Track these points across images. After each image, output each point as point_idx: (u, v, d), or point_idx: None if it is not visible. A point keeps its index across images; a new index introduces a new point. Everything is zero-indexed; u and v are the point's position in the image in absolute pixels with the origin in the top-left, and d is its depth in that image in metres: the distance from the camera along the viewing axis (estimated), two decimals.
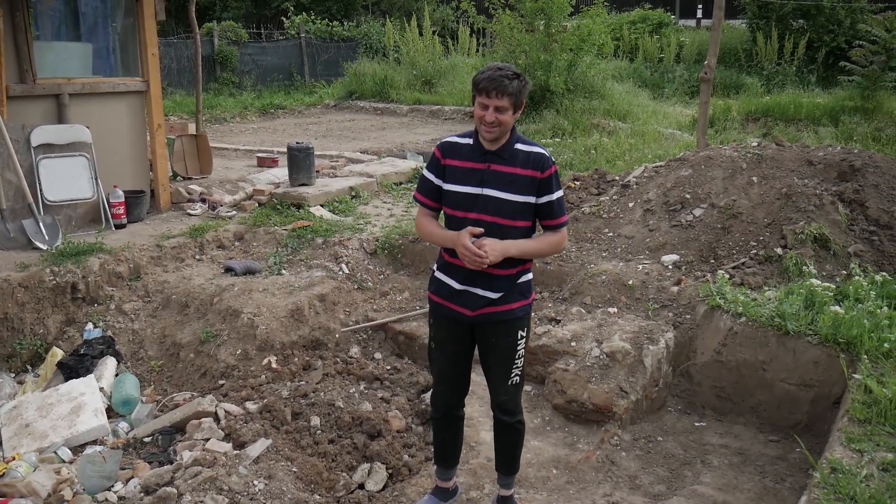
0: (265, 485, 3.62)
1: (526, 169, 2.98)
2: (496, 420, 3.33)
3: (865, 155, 6.06)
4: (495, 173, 2.99)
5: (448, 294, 3.14)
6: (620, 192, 6.55)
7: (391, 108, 15.01)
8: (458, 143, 3.10)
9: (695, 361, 4.68)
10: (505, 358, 3.16)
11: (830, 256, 5.22)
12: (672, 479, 3.91)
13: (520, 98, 2.92)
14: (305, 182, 7.43)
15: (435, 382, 3.42)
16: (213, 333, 5.15)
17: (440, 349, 3.29)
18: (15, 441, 4.27)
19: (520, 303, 3.13)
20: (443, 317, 3.22)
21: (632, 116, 11.73)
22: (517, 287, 3.11)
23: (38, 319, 5.28)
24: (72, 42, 6.82)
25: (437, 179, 3.12)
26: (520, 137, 3.06)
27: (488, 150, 3.01)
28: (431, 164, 3.15)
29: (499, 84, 2.85)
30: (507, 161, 2.99)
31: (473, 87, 2.95)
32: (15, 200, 5.99)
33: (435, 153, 3.14)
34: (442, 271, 3.19)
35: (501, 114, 2.89)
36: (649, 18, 18.34)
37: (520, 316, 3.14)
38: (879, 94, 11.21)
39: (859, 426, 3.37)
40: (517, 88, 2.89)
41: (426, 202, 3.18)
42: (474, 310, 3.09)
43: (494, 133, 2.94)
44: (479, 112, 2.93)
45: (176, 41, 16.69)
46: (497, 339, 3.14)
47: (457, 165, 3.06)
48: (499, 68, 2.91)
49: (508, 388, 3.22)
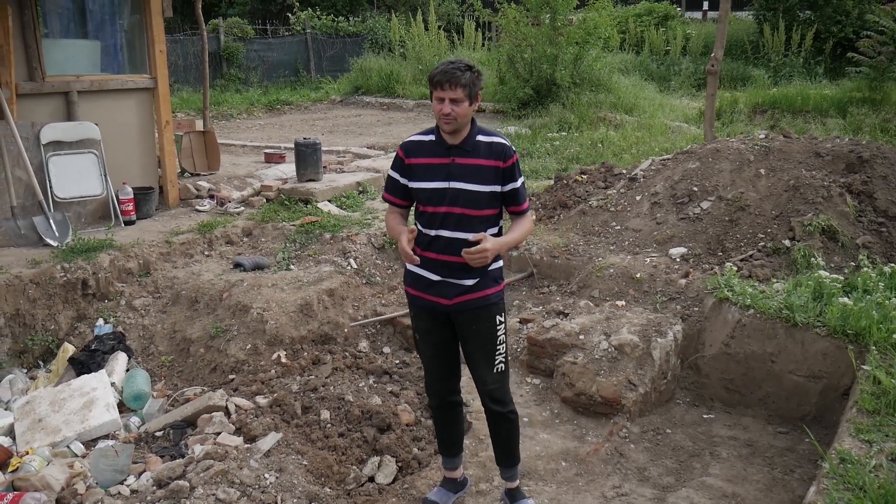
0: (276, 478, 3.65)
1: (489, 159, 3.06)
2: (488, 411, 3.35)
3: (873, 146, 6.04)
4: (460, 166, 3.06)
5: (423, 286, 3.20)
6: (628, 185, 6.55)
7: (397, 103, 15.01)
8: (420, 141, 3.17)
9: (703, 354, 4.69)
10: (486, 344, 3.21)
11: (839, 248, 5.21)
12: (681, 471, 3.92)
13: (474, 89, 2.99)
14: (313, 177, 7.46)
15: (426, 372, 3.47)
16: (222, 329, 5.18)
17: (424, 340, 3.36)
18: (28, 436, 4.31)
19: (493, 289, 3.19)
20: (421, 308, 3.28)
21: (638, 109, 11.70)
22: (490, 273, 3.18)
23: (50, 315, 5.32)
24: (80, 39, 6.85)
25: (403, 178, 3.20)
26: (480, 129, 3.13)
27: (451, 144, 3.08)
28: (395, 164, 3.22)
29: (451, 76, 2.93)
30: (471, 153, 3.07)
31: (429, 82, 3.02)
32: (25, 197, 6.03)
33: (398, 153, 3.21)
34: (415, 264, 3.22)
35: (457, 105, 2.96)
36: (655, 11, 18.25)
37: (495, 301, 3.20)
38: (887, 84, 11.13)
39: (868, 417, 3.38)
40: (470, 80, 2.96)
41: (393, 200, 3.28)
42: (450, 298, 3.15)
43: (452, 125, 3.00)
44: (436, 106, 3.00)
45: (182, 38, 16.69)
46: (477, 325, 3.19)
47: (421, 163, 3.13)
48: (451, 62, 3.00)
49: (495, 377, 3.25)
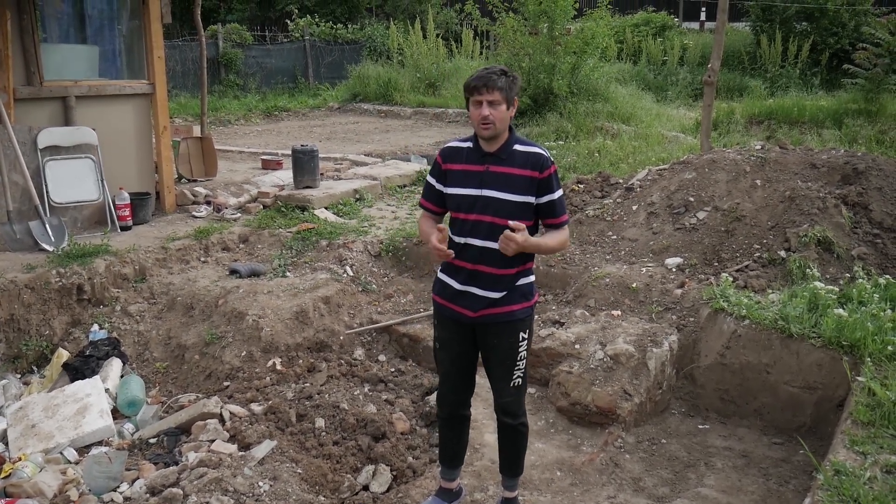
0: (270, 486, 3.63)
1: (524, 169, 3.04)
2: (499, 422, 3.36)
3: (869, 158, 6.07)
4: (494, 174, 3.05)
5: (450, 295, 3.19)
6: (624, 194, 6.56)
7: (395, 111, 15.02)
8: (458, 148, 3.18)
9: (698, 364, 4.69)
10: (506, 359, 3.19)
11: (834, 259, 5.22)
12: (676, 482, 3.92)
13: (511, 93, 2.99)
14: (310, 184, 7.46)
15: (440, 382, 3.46)
16: (218, 335, 5.16)
17: (444, 350, 3.33)
18: (21, 442, 4.29)
19: (521, 304, 3.16)
20: (446, 318, 3.26)
21: (635, 119, 11.73)
22: (518, 288, 3.15)
23: (44, 321, 5.31)
24: (78, 44, 6.85)
25: (439, 184, 3.21)
26: (518, 138, 3.12)
27: (487, 152, 3.08)
28: (434, 170, 3.25)
29: (488, 80, 2.95)
30: (506, 162, 3.05)
31: (465, 90, 3.04)
32: (21, 202, 6.02)
33: (437, 159, 3.23)
34: (444, 272, 3.25)
35: (495, 108, 2.96)
36: (652, 21, 18.33)
37: (521, 318, 3.17)
38: (883, 96, 11.19)
39: (863, 428, 3.38)
40: (507, 83, 2.97)
41: (427, 206, 3.30)
42: (476, 310, 3.13)
43: (491, 130, 2.99)
44: (474, 112, 3.00)
45: (181, 44, 16.71)
46: (498, 340, 3.17)
47: (457, 169, 3.14)
48: (486, 68, 3.03)
49: (511, 391, 3.24)
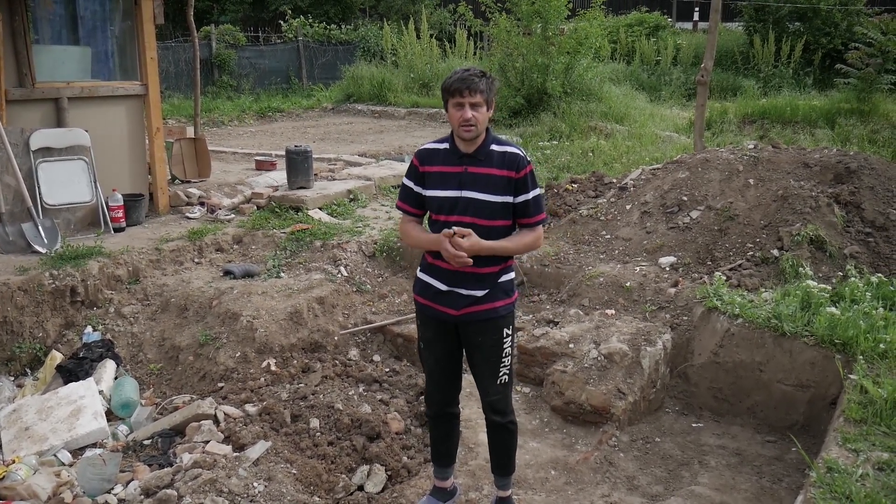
0: (265, 487, 3.63)
1: (501, 169, 3.04)
2: (488, 421, 3.36)
3: (861, 157, 6.09)
4: (473, 175, 3.05)
5: (433, 294, 3.19)
6: (618, 194, 6.58)
7: (389, 111, 15.02)
8: (434, 149, 3.17)
9: (692, 363, 4.70)
10: (491, 356, 3.20)
11: (826, 258, 5.24)
12: (670, 480, 3.93)
13: (490, 94, 3.01)
14: (304, 185, 7.45)
15: (427, 381, 3.46)
16: (212, 336, 5.16)
17: (429, 349, 3.34)
18: (15, 444, 4.28)
19: (503, 301, 3.17)
20: (429, 317, 3.26)
21: (629, 119, 11.76)
22: (500, 285, 3.16)
23: (38, 323, 5.29)
24: (70, 46, 6.82)
25: (417, 186, 3.19)
26: (495, 138, 3.12)
27: (464, 153, 3.08)
28: (410, 172, 3.22)
29: (470, 82, 2.95)
30: (483, 162, 3.06)
31: (444, 92, 3.03)
32: (14, 204, 6.00)
33: (413, 161, 3.21)
34: (426, 273, 3.24)
35: (477, 110, 2.96)
36: (646, 21, 18.36)
37: (503, 314, 3.18)
38: (875, 96, 11.25)
39: (855, 426, 3.40)
40: (487, 85, 2.98)
41: (408, 209, 3.26)
42: (459, 309, 3.14)
43: (472, 132, 2.99)
44: (454, 114, 2.99)
45: (174, 45, 16.68)
46: (482, 337, 3.18)
47: (435, 171, 3.13)
48: (465, 69, 3.01)
49: (498, 388, 3.25)
